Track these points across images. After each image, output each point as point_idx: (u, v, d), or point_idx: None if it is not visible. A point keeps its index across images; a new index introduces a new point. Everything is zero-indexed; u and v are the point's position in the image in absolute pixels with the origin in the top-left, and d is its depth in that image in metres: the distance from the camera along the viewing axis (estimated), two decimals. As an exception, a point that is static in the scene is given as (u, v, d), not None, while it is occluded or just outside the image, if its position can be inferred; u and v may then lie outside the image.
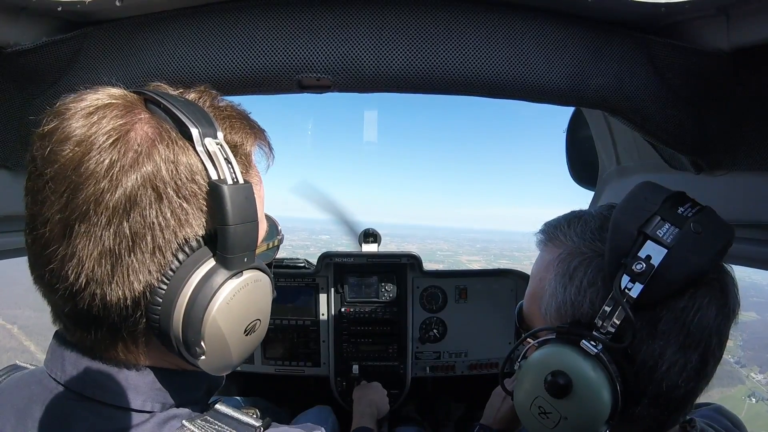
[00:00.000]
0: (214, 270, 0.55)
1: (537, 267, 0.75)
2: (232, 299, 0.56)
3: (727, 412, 0.85)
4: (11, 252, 1.09)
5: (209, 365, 0.59)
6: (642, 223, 0.61)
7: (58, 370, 0.59)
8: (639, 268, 0.58)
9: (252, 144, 0.63)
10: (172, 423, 0.59)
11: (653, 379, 0.61)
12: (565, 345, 0.63)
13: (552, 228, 0.74)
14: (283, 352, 2.34)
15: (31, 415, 0.58)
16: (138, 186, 0.50)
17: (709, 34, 0.86)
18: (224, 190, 0.53)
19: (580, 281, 0.65)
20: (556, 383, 0.61)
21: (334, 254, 2.32)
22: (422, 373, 2.35)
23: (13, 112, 0.93)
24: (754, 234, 1.09)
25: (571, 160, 2.02)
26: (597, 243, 0.66)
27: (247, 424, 0.61)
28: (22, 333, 15.31)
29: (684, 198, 0.65)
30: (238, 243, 0.55)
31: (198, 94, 0.62)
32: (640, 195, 0.65)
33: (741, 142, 0.97)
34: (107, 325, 0.55)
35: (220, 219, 0.54)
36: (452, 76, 0.90)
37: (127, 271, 0.52)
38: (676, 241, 0.59)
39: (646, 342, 0.61)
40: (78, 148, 0.50)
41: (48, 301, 0.57)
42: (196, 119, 0.54)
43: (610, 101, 0.94)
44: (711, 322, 0.61)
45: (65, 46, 0.92)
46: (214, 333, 0.56)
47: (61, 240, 0.50)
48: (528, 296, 0.76)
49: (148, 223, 0.51)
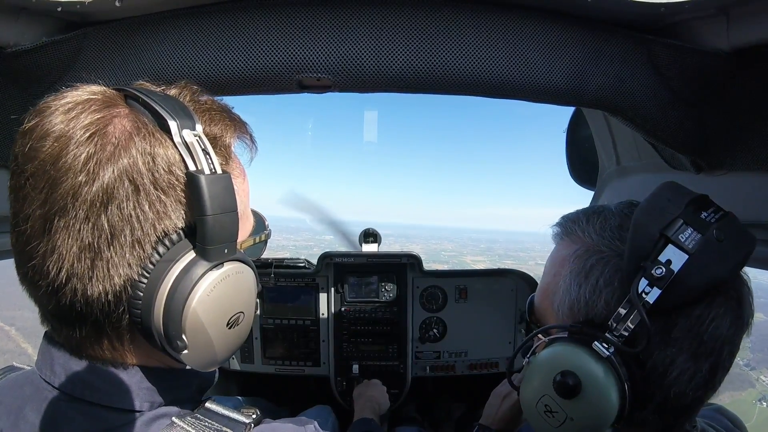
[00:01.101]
0: (194, 262, 0.55)
1: (551, 261, 0.73)
2: (212, 291, 0.56)
3: (727, 412, 0.84)
4: (11, 252, 1.09)
5: (193, 360, 0.58)
6: (664, 225, 0.59)
7: (48, 371, 0.59)
8: (659, 273, 0.57)
9: (232, 136, 0.63)
10: (161, 421, 0.59)
11: (662, 385, 0.60)
12: (577, 345, 0.62)
13: (570, 222, 0.72)
14: (283, 351, 2.34)
15: (24, 416, 0.58)
16: (115, 179, 0.50)
17: (709, 34, 0.86)
18: (201, 180, 0.53)
19: (596, 280, 0.63)
20: (565, 383, 0.60)
21: (335, 254, 2.32)
22: (422, 373, 2.35)
23: (13, 112, 0.93)
24: (754, 234, 1.09)
25: (571, 159, 2.02)
26: (616, 242, 0.64)
27: (237, 421, 0.61)
28: (20, 335, 15.15)
29: (708, 202, 0.64)
30: (218, 234, 0.55)
31: (179, 90, 0.62)
32: (663, 196, 0.63)
33: (741, 142, 0.97)
34: (91, 321, 0.55)
35: (198, 209, 0.53)
36: (452, 76, 0.90)
37: (107, 265, 0.51)
38: (698, 247, 0.57)
39: (658, 347, 0.60)
40: (56, 143, 0.50)
41: (34, 300, 0.58)
42: (174, 112, 0.54)
43: (610, 101, 0.94)
44: (725, 332, 0.60)
45: (65, 46, 0.92)
46: (195, 326, 0.55)
47: (42, 236, 0.51)
48: (540, 291, 0.75)
49: (125, 216, 0.51)
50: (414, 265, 2.32)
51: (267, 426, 0.63)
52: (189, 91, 0.63)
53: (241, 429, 0.60)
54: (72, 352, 0.59)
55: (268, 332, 2.33)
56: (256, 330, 2.33)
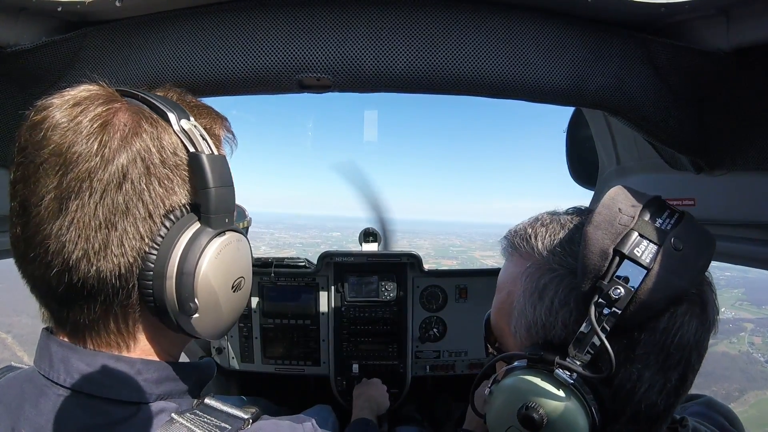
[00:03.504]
0: (200, 230, 0.61)
1: (503, 277, 0.71)
2: (219, 255, 0.62)
3: (718, 406, 0.83)
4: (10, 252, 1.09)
5: (203, 324, 0.62)
6: (618, 241, 0.56)
7: (47, 366, 0.60)
8: (617, 294, 0.54)
9: (220, 128, 0.71)
10: (161, 416, 0.59)
11: (632, 401, 0.58)
12: (538, 374, 0.59)
13: (516, 236, 0.69)
14: (283, 351, 2.34)
15: (23, 413, 0.58)
16: (129, 161, 0.56)
17: (709, 34, 0.86)
18: (203, 158, 0.60)
19: (551, 301, 0.61)
20: (529, 417, 0.57)
21: (335, 253, 2.32)
22: (422, 373, 2.35)
23: (13, 112, 0.93)
24: (754, 234, 1.09)
25: (571, 159, 2.02)
26: (568, 258, 0.61)
27: (235, 417, 0.62)
28: (16, 343, 14.83)
29: (662, 206, 0.61)
30: (221, 204, 0.62)
31: (164, 92, 0.69)
32: (614, 207, 0.59)
33: (741, 142, 0.97)
34: (101, 299, 0.57)
35: (202, 183, 0.60)
36: (452, 76, 0.90)
37: (121, 239, 0.56)
38: (655, 260, 0.55)
39: (623, 366, 0.57)
40: (68, 132, 0.55)
41: (40, 287, 0.59)
42: (170, 105, 0.62)
43: (610, 101, 0.94)
44: (691, 339, 0.58)
45: (65, 46, 0.92)
46: (206, 287, 0.60)
47: (57, 216, 0.54)
48: (495, 308, 0.72)
49: (138, 192, 0.57)
50: (414, 264, 2.33)
51: (265, 422, 0.64)
52: (175, 92, 0.70)
53: (239, 425, 0.60)
54: (73, 341, 0.60)
55: (268, 332, 2.33)
56: (256, 329, 2.33)
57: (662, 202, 0.62)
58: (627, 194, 0.61)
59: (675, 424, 0.70)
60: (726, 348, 19.24)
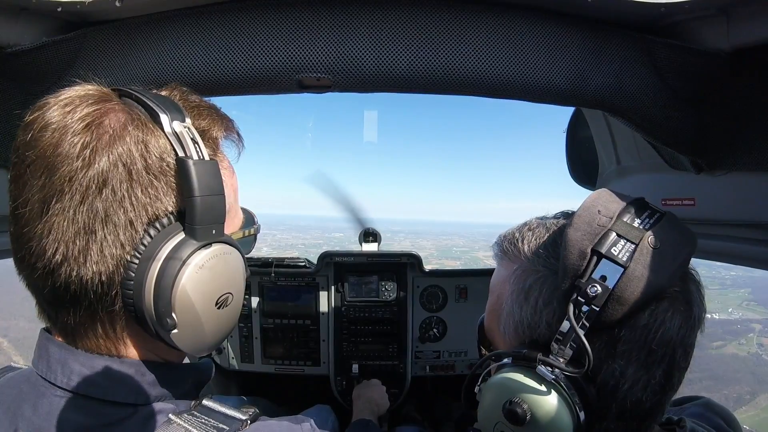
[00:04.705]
0: (183, 241, 0.57)
1: (494, 281, 0.73)
2: (201, 269, 0.58)
3: (717, 407, 0.83)
4: (9, 252, 1.10)
5: (183, 340, 0.59)
6: (596, 241, 0.57)
7: (44, 367, 0.60)
8: (594, 292, 0.56)
9: (219, 130, 0.67)
10: (158, 417, 0.59)
11: (616, 397, 0.59)
12: (522, 370, 0.61)
13: (505, 241, 0.71)
14: (283, 351, 2.34)
15: (22, 414, 0.58)
16: (110, 165, 0.53)
17: (709, 34, 0.86)
18: (189, 164, 0.56)
19: (536, 301, 0.63)
20: (513, 412, 0.59)
21: (335, 253, 2.32)
22: (422, 373, 2.35)
23: (13, 112, 0.93)
24: (754, 234, 1.09)
25: (571, 159, 2.02)
26: (552, 260, 0.63)
27: (233, 418, 0.61)
28: (12, 347, 14.57)
29: (642, 207, 0.62)
30: (206, 214, 0.58)
31: (169, 91, 0.66)
32: (593, 209, 0.61)
33: (741, 142, 0.97)
34: (85, 304, 0.56)
35: (187, 191, 0.57)
36: (452, 76, 0.90)
37: (101, 246, 0.54)
38: (632, 258, 0.56)
39: (605, 362, 0.59)
40: (56, 133, 0.53)
41: (31, 288, 0.59)
42: (165, 106, 0.58)
43: (610, 101, 0.94)
44: (674, 336, 0.58)
45: (65, 46, 0.92)
46: (184, 303, 0.57)
47: (39, 218, 0.53)
48: (487, 311, 0.74)
49: (118, 198, 0.54)
50: (414, 264, 2.33)
51: (263, 423, 0.64)
52: (179, 91, 0.67)
53: (237, 426, 0.60)
54: (68, 343, 0.60)
55: (268, 332, 2.33)
56: (256, 329, 2.33)
57: (644, 203, 0.63)
58: (608, 196, 0.63)
59: (673, 425, 0.70)
60: (735, 350, 19.04)
